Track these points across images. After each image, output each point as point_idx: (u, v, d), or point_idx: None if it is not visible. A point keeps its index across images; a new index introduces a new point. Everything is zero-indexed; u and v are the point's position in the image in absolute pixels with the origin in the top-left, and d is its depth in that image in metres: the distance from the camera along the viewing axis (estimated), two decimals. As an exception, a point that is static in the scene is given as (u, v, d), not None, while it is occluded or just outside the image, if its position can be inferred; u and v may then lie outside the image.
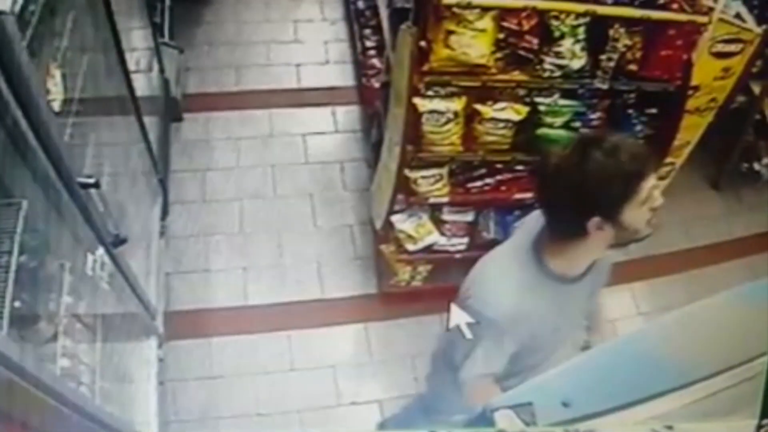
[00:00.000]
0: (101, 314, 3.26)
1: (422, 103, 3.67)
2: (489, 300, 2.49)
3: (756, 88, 4.97)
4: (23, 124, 2.17)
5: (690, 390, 1.80)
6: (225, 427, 4.13)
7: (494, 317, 2.45)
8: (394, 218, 4.36)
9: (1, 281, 2.21)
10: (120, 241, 3.15)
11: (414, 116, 3.71)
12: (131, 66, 3.85)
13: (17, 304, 2.33)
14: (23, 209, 2.36)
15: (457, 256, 4.36)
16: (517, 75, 3.65)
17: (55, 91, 2.55)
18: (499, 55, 3.56)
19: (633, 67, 3.69)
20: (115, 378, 3.44)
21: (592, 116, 3.95)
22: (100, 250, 3.05)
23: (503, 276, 2.53)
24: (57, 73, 2.57)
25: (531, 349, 2.64)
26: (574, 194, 2.26)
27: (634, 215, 2.32)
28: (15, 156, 2.29)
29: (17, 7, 2.04)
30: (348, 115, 5.67)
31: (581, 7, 3.41)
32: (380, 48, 5.35)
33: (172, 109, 5.31)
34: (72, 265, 2.92)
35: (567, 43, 3.54)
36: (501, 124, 3.80)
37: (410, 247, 4.41)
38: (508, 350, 2.53)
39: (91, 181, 2.70)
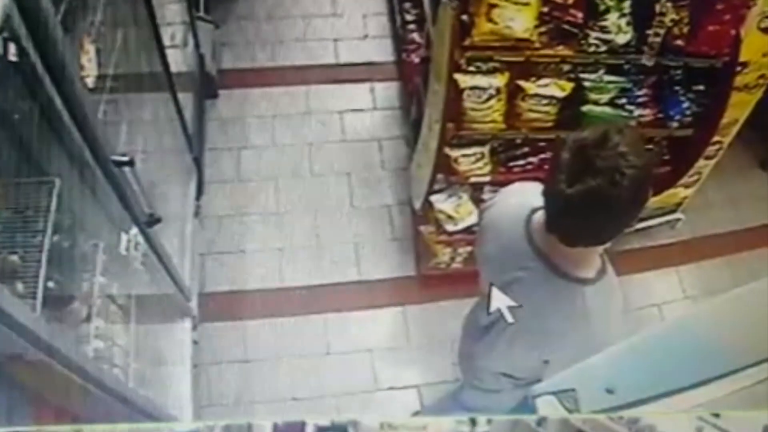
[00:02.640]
0: (135, 295, 3.30)
1: (463, 79, 3.64)
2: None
3: (806, 65, 4.88)
4: (57, 101, 2.18)
5: (738, 377, 1.78)
6: (259, 411, 4.17)
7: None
8: (434, 198, 4.34)
9: (35, 261, 2.24)
10: (154, 221, 3.17)
11: (455, 93, 3.69)
12: (166, 41, 3.87)
13: (51, 284, 2.36)
14: (56, 188, 2.39)
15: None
16: (561, 50, 3.61)
17: (89, 67, 2.56)
18: (542, 29, 3.52)
19: (680, 42, 3.64)
20: (149, 360, 3.48)
21: (639, 93, 3.92)
22: (134, 230, 3.07)
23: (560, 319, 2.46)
24: (91, 49, 2.59)
25: None
26: (605, 219, 2.18)
27: None
28: (48, 134, 2.31)
29: (51, -19, 2.04)
30: (387, 91, 5.65)
31: (627, -20, 3.38)
32: (420, 22, 5.32)
33: (207, 85, 5.33)
34: (106, 244, 2.96)
35: (612, 17, 3.50)
36: (545, 101, 3.77)
37: (450, 227, 4.39)
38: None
39: (126, 159, 2.71)
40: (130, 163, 2.73)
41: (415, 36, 5.47)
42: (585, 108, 3.83)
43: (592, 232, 2.24)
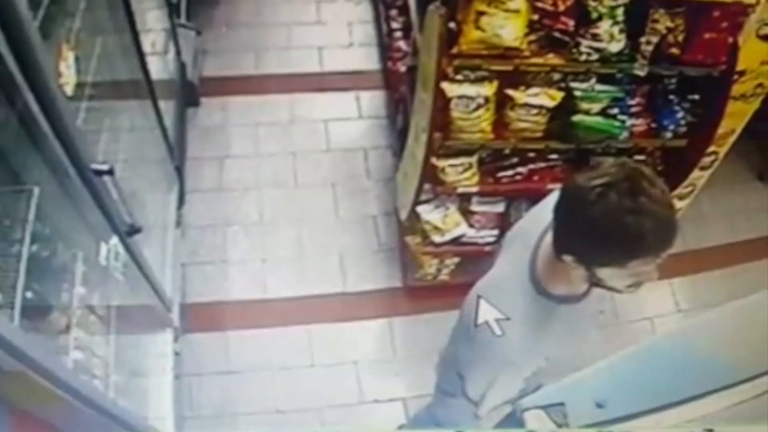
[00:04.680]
0: (115, 306, 3.30)
1: (451, 88, 3.66)
2: (498, 343, 2.44)
3: (806, 74, 4.90)
4: (35, 108, 2.19)
5: (732, 391, 1.79)
6: (242, 423, 4.16)
7: (507, 357, 2.42)
8: (421, 209, 4.36)
9: (13, 271, 2.24)
10: (134, 230, 3.17)
11: (442, 102, 3.70)
12: (146, 48, 3.88)
13: (29, 294, 2.36)
14: (35, 196, 2.39)
15: (487, 248, 4.35)
16: (551, 58, 3.62)
17: (68, 74, 2.57)
18: (532, 37, 3.53)
19: (675, 50, 3.65)
20: (130, 372, 3.48)
21: (631, 102, 3.93)
22: (114, 240, 3.08)
23: (510, 312, 2.45)
24: (70, 56, 2.60)
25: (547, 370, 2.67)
26: (569, 222, 2.17)
27: (612, 277, 2.21)
28: (26, 141, 2.32)
29: (29, -13, 2.05)
30: (372, 100, 5.68)
31: (620, -13, 3.40)
32: (407, 30, 5.34)
33: (189, 93, 5.35)
34: (85, 254, 2.96)
35: (605, 25, 3.51)
36: (534, 111, 3.78)
37: (437, 239, 4.41)
38: (523, 377, 2.53)
39: (105, 167, 2.72)
40: (110, 172, 2.74)
41: (402, 44, 5.49)
42: (576, 118, 3.84)
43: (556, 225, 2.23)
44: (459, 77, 3.66)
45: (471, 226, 4.40)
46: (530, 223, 2.57)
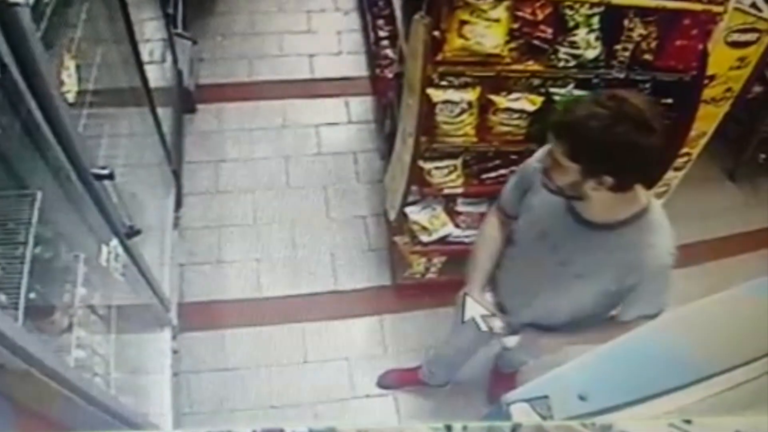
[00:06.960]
0: (115, 305, 3.29)
1: (436, 94, 3.65)
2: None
3: (772, 78, 4.93)
4: (38, 115, 2.18)
5: (708, 384, 1.79)
6: (239, 419, 4.15)
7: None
8: (408, 210, 4.35)
9: (17, 272, 2.23)
10: (134, 232, 3.16)
11: (428, 107, 3.69)
12: (145, 57, 3.86)
13: (32, 295, 2.35)
14: (38, 200, 2.38)
15: (472, 247, 4.34)
16: (531, 65, 3.61)
17: (70, 82, 2.56)
18: (513, 45, 3.53)
19: (648, 56, 3.66)
20: (130, 369, 3.46)
21: (608, 106, 3.92)
22: (114, 241, 3.06)
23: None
24: (71, 65, 2.58)
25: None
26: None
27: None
28: (29, 147, 2.30)
29: (32, -1, 2.04)
30: (361, 105, 5.68)
31: (596, -3, 3.40)
32: (393, 38, 5.34)
33: (186, 100, 5.33)
34: (86, 256, 2.94)
35: (581, 33, 3.52)
36: (515, 115, 3.78)
37: (424, 238, 4.40)
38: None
39: (106, 172, 2.70)
40: (110, 176, 2.73)
41: (389, 52, 5.50)
42: (555, 122, 3.84)
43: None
44: (443, 83, 3.65)
45: (457, 225, 4.39)
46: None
